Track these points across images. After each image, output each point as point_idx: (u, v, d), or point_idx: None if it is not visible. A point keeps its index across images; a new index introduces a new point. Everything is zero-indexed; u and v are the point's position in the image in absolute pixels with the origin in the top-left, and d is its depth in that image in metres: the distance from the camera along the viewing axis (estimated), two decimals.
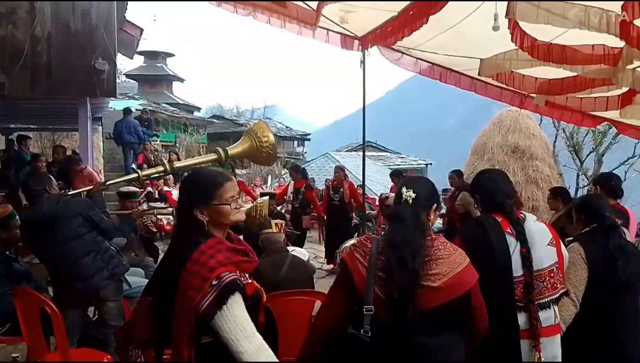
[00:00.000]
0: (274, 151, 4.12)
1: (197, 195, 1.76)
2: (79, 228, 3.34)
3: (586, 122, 7.15)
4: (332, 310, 1.92)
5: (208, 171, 1.99)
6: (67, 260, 3.29)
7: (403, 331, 1.73)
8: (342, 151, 31.73)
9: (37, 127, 14.00)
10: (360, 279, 1.80)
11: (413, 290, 1.71)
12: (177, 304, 1.65)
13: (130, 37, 9.22)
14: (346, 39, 5.94)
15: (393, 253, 1.76)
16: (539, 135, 13.18)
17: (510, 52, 4.74)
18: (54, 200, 3.37)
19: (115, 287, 3.47)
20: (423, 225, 1.81)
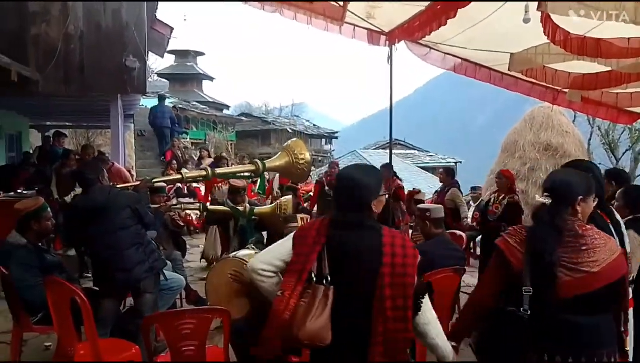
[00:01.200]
0: (308, 169, 4.22)
1: (376, 188, 2.00)
2: (126, 219, 3.45)
3: (622, 118, 6.90)
4: (486, 289, 2.16)
5: (371, 166, 2.17)
6: (113, 250, 3.39)
7: (559, 310, 1.95)
8: (369, 149, 31.58)
9: (71, 124, 14.42)
10: (518, 263, 2.02)
11: (550, 281, 1.93)
12: (385, 291, 1.81)
13: (160, 36, 9.39)
14: (373, 34, 5.88)
15: (531, 248, 2.00)
16: (572, 133, 12.80)
17: (541, 46, 4.61)
18: (106, 190, 3.50)
19: (154, 280, 3.56)
20: (559, 223, 2.01)
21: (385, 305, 1.81)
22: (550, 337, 1.97)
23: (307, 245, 1.94)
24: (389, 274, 1.84)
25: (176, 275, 4.41)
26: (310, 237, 1.95)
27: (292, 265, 1.95)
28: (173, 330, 2.61)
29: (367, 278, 1.86)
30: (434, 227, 3.74)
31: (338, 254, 1.91)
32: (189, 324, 2.61)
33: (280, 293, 1.91)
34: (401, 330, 1.84)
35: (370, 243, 1.90)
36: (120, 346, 3.17)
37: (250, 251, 3.77)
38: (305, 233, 1.99)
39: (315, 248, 1.92)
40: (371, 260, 1.87)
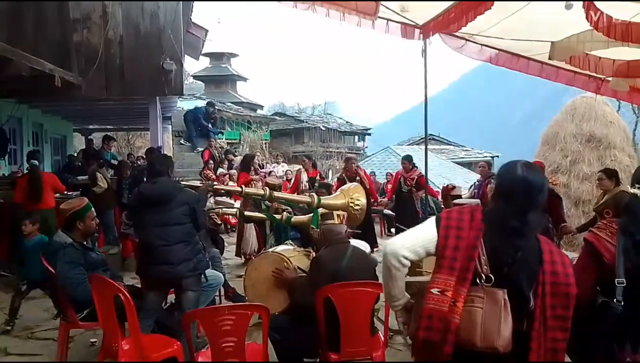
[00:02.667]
0: (362, 216, 4.25)
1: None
2: (183, 216, 3.52)
3: None
4: (583, 283, 2.03)
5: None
6: (163, 242, 3.45)
7: None
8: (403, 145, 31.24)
9: (112, 127, 14.87)
10: (610, 256, 2.02)
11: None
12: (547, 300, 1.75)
13: (196, 39, 9.55)
14: (407, 28, 5.81)
15: (629, 238, 1.99)
16: (617, 123, 12.28)
17: (584, 33, 4.43)
18: (173, 183, 3.63)
19: (197, 280, 3.62)
20: None
21: (547, 314, 1.74)
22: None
23: (464, 239, 1.77)
24: (550, 283, 1.75)
25: (215, 272, 4.47)
26: (465, 230, 1.79)
27: (447, 260, 1.77)
28: (213, 326, 2.65)
29: (527, 285, 1.76)
30: None
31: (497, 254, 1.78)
32: (229, 320, 2.63)
33: (439, 292, 1.73)
34: (560, 340, 1.76)
35: (530, 247, 1.80)
36: (162, 342, 3.24)
37: (288, 247, 3.79)
38: (457, 224, 1.81)
39: (477, 244, 1.76)
40: (532, 266, 1.77)
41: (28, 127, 9.58)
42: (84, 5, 6.70)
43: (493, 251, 1.77)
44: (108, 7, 6.73)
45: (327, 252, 3.21)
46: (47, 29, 6.34)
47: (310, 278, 3.20)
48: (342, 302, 2.93)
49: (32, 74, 5.17)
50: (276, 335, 3.13)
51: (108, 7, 6.73)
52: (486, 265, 1.74)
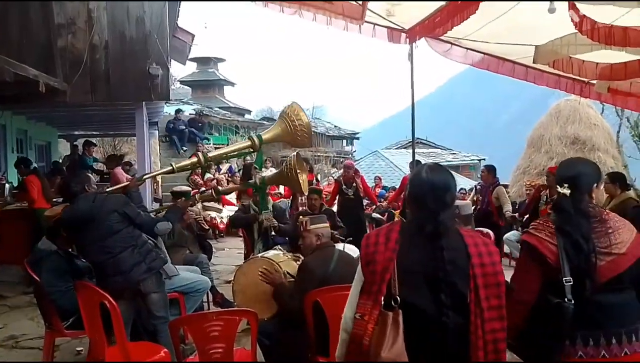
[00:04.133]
0: (309, 132, 4.06)
1: None
2: (115, 224, 3.43)
3: None
4: (527, 287, 2.12)
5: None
6: (107, 256, 3.38)
7: (594, 294, 2.00)
8: (391, 148, 31.39)
9: (98, 133, 14.72)
10: (553, 256, 2.05)
11: (591, 269, 1.99)
12: (480, 293, 1.77)
13: (182, 43, 9.52)
14: (393, 32, 5.84)
15: (567, 239, 2.03)
16: (600, 125, 12.47)
17: (567, 36, 4.49)
18: (90, 199, 3.49)
19: (156, 280, 3.54)
20: (585, 210, 2.08)
21: (482, 306, 1.74)
22: (590, 321, 2.02)
23: (379, 262, 1.78)
24: (481, 275, 1.76)
25: (202, 277, 4.44)
26: (380, 254, 1.80)
27: (367, 284, 1.80)
28: (201, 332, 2.62)
29: (461, 282, 1.76)
30: (463, 224, 3.67)
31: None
32: (217, 326, 2.61)
33: (360, 317, 1.77)
34: (499, 330, 1.77)
35: (455, 245, 1.80)
36: (149, 349, 3.20)
37: (277, 252, 3.77)
38: (374, 249, 1.82)
39: (389, 266, 1.76)
40: (460, 263, 1.77)
41: (12, 133, 9.44)
42: (69, 10, 6.63)
43: (417, 259, 1.78)
44: (93, 12, 6.66)
45: (313, 256, 3.20)
46: (32, 34, 6.26)
47: (298, 283, 3.18)
48: (330, 305, 2.91)
49: (16, 80, 5.09)
50: (265, 341, 3.12)
51: (93, 12, 6.66)
52: (396, 284, 1.73)
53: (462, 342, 1.73)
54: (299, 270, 3.25)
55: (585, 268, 2.00)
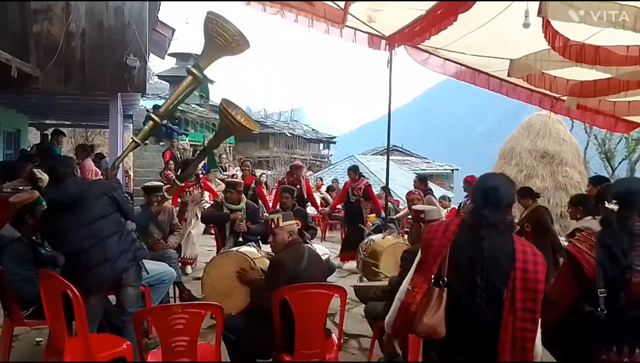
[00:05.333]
0: (243, 38, 3.95)
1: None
2: (105, 207, 3.34)
3: (619, 127, 6.92)
4: (565, 292, 2.25)
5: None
6: (94, 240, 3.25)
7: (629, 309, 2.11)
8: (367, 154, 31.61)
9: (70, 123, 14.38)
10: (590, 268, 2.16)
11: (625, 282, 2.09)
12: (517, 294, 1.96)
13: (162, 37, 9.38)
14: (373, 38, 5.91)
15: (605, 252, 2.14)
16: (569, 141, 12.83)
17: (541, 52, 4.62)
18: (79, 181, 3.41)
19: (136, 272, 3.48)
20: (630, 228, 2.17)
21: (516, 306, 1.93)
22: (618, 332, 2.14)
23: (434, 247, 2.08)
24: (521, 278, 1.95)
25: (168, 268, 4.37)
26: (437, 239, 2.09)
27: (421, 264, 2.12)
28: (165, 325, 2.59)
29: (500, 281, 1.98)
30: None
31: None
32: (182, 319, 2.59)
33: (412, 289, 2.08)
34: (529, 330, 1.95)
35: (502, 248, 2.02)
36: (111, 341, 3.15)
37: (252, 248, 3.75)
38: (433, 235, 2.12)
39: (443, 252, 2.05)
40: (503, 264, 1.99)
41: None
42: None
43: (464, 252, 2.04)
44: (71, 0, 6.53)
45: (285, 253, 3.20)
46: (6, 18, 6.10)
47: (269, 279, 3.17)
48: (298, 303, 2.93)
49: None
50: (231, 336, 3.10)
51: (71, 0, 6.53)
52: (446, 268, 2.02)
53: (491, 334, 1.95)
54: (271, 267, 3.24)
55: (620, 281, 2.10)
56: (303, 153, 33.90)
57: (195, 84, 4.24)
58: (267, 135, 33.56)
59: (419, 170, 28.57)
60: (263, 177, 13.51)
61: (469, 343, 2.01)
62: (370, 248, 5.04)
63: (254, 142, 33.34)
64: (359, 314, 4.97)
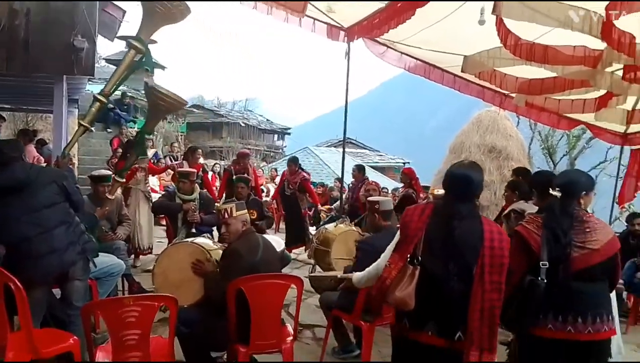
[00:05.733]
0: (184, 6, 3.86)
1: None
2: (54, 196, 3.16)
3: (562, 124, 7.28)
4: (515, 268, 2.46)
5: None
6: (40, 229, 3.06)
7: (568, 280, 2.45)
8: (321, 146, 31.72)
9: (11, 107, 13.54)
10: (536, 245, 2.50)
11: (566, 258, 2.45)
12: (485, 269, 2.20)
13: (112, 18, 8.96)
14: (332, 29, 5.90)
15: (549, 232, 2.49)
16: (515, 137, 13.36)
17: (493, 50, 4.77)
18: (27, 166, 3.22)
19: (84, 265, 3.30)
20: (570, 212, 2.53)
21: (485, 279, 2.18)
22: (562, 302, 2.45)
23: (411, 229, 2.31)
24: (489, 255, 2.20)
25: (116, 260, 4.21)
26: (413, 222, 2.31)
27: (399, 244, 2.35)
28: (116, 318, 2.50)
29: (471, 257, 2.22)
30: (383, 219, 3.79)
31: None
32: (134, 312, 2.50)
33: (388, 265, 2.31)
34: (496, 300, 2.20)
35: (472, 228, 2.25)
36: (56, 336, 3.00)
37: (207, 240, 3.66)
38: (410, 218, 2.34)
39: (418, 234, 2.27)
40: (474, 243, 2.23)
41: None
42: None
43: (437, 234, 2.26)
44: None
45: (241, 243, 3.15)
46: None
47: (225, 270, 3.11)
48: (254, 294, 2.90)
49: None
50: (184, 329, 3.03)
51: None
52: (420, 249, 2.25)
53: (463, 305, 2.19)
54: (226, 257, 3.17)
55: (561, 256, 2.45)
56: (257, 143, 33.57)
57: (138, 58, 4.05)
58: (221, 124, 32.99)
59: (372, 162, 28.96)
60: (217, 166, 13.30)
61: (438, 311, 2.24)
62: (323, 236, 5.10)
63: (207, 131, 32.71)
64: (312, 304, 4.99)
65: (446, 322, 2.24)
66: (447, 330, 2.24)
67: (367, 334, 3.56)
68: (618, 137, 7.50)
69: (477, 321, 2.17)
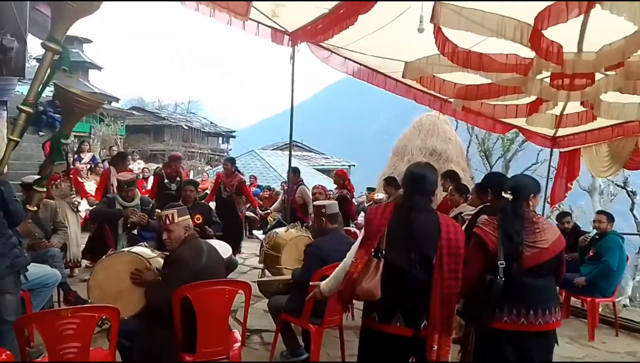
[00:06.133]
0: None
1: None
2: None
3: (497, 128, 7.65)
4: (472, 267, 2.69)
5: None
6: None
7: (520, 276, 2.68)
8: (267, 149, 31.58)
9: None
10: (493, 245, 2.71)
11: (519, 256, 2.67)
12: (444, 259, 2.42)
13: (43, 17, 8.49)
14: (277, 33, 5.88)
15: (503, 233, 2.69)
16: (454, 140, 13.93)
17: (432, 56, 4.96)
18: None
19: (14, 279, 3.12)
20: (521, 213, 2.74)
21: (444, 268, 2.40)
22: (516, 297, 2.68)
23: (374, 225, 2.50)
24: (446, 246, 2.42)
25: (51, 269, 4.00)
26: (376, 219, 2.52)
27: (363, 240, 2.52)
28: (52, 331, 2.38)
29: (430, 249, 2.43)
30: (330, 223, 3.83)
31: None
32: (72, 324, 2.39)
33: (355, 260, 2.47)
34: (454, 287, 2.42)
35: (429, 222, 2.49)
36: None
37: (144, 248, 3.54)
38: (373, 216, 2.54)
39: (381, 229, 2.47)
40: (432, 235, 2.45)
41: None
42: None
43: (399, 228, 2.47)
44: None
45: (186, 249, 3.07)
46: None
47: (169, 277, 3.02)
48: (200, 301, 2.86)
49: None
50: (125, 342, 2.92)
51: None
52: (384, 243, 2.45)
53: (425, 293, 2.40)
54: (170, 263, 3.08)
55: (514, 255, 2.67)
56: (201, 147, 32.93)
57: (57, 56, 3.87)
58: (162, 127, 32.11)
59: (318, 165, 29.16)
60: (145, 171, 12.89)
61: (404, 302, 2.44)
62: (273, 241, 5.06)
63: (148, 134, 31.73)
64: (260, 309, 4.96)
65: (412, 312, 2.44)
66: (413, 319, 2.44)
67: (316, 336, 3.59)
68: (548, 140, 7.98)
69: (438, 307, 2.40)
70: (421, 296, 2.41)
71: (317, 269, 3.51)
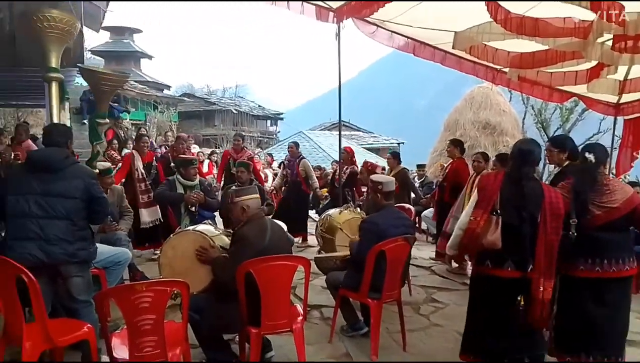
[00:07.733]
0: (73, 21, 4.26)
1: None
2: (72, 189, 3.12)
3: (555, 97, 7.33)
4: None
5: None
6: (42, 213, 3.05)
7: (594, 231, 3.12)
8: (315, 130, 31.67)
9: (1, 103, 13.42)
10: (567, 206, 3.07)
11: (584, 212, 3.11)
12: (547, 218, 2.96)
13: (95, 8, 8.85)
14: (321, 10, 5.86)
15: (576, 194, 3.13)
16: (509, 112, 13.45)
17: (483, 25, 4.78)
18: (65, 154, 3.22)
19: (80, 267, 3.20)
20: (596, 174, 3.17)
21: (547, 226, 2.91)
22: (590, 248, 3.12)
23: (488, 190, 3.04)
24: (549, 208, 2.92)
25: (121, 249, 4.25)
26: (490, 184, 3.06)
27: (479, 202, 3.05)
28: (129, 304, 2.56)
29: (536, 210, 2.95)
30: (385, 199, 3.85)
31: None
32: (147, 297, 2.55)
33: (473, 219, 3.01)
34: (555, 241, 2.93)
35: (536, 189, 3.00)
36: (71, 326, 3.05)
37: (208, 226, 3.70)
38: (486, 182, 3.12)
39: (496, 192, 3.00)
40: (538, 200, 2.95)
41: None
42: None
43: (510, 193, 2.99)
44: None
45: (250, 228, 3.18)
46: None
47: (235, 254, 3.15)
48: (263, 276, 2.97)
49: None
50: (195, 316, 3.09)
51: None
52: (498, 204, 2.98)
53: (531, 244, 2.93)
54: (236, 242, 3.21)
55: (586, 214, 3.09)
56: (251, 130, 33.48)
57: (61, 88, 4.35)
58: (213, 112, 32.84)
59: (367, 144, 29.00)
60: (214, 156, 13.29)
61: (514, 251, 2.94)
62: (328, 224, 5.13)
63: (199, 120, 32.57)
64: (318, 285, 5.07)
65: (520, 259, 2.95)
66: (522, 264, 2.95)
67: (375, 311, 3.65)
68: (611, 108, 7.56)
69: (542, 255, 2.90)
70: (528, 247, 2.92)
71: (374, 244, 3.56)
